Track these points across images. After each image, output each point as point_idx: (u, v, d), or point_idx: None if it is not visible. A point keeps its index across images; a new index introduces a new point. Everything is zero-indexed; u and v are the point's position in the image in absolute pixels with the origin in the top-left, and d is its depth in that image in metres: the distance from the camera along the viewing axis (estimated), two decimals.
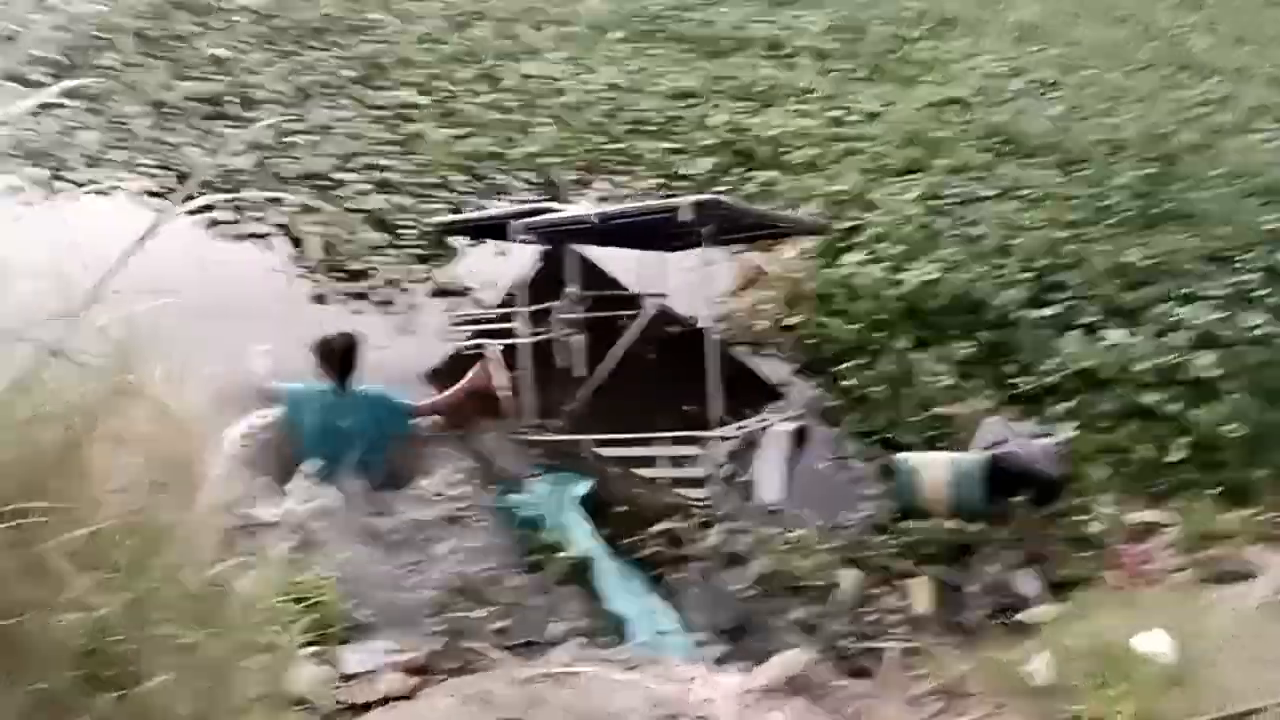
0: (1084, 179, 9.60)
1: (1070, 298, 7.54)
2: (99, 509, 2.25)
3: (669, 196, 7.70)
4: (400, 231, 8.43)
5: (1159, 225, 8.62)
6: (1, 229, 2.64)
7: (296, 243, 8.26)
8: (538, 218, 6.57)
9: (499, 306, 7.70)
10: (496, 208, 8.33)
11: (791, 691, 3.97)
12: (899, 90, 12.22)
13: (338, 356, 5.89)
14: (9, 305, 2.58)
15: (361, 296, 7.79)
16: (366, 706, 3.71)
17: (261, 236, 8.38)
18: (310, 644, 3.49)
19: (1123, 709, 3.74)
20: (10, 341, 2.25)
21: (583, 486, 5.59)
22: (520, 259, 8.10)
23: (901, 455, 6.01)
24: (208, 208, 7.59)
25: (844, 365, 7.07)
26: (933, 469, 5.84)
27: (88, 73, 10.79)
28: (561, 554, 5.17)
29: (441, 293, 8.01)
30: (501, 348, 6.64)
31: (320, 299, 7.74)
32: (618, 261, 8.57)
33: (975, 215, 8.64)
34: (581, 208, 7.82)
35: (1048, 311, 7.38)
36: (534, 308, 6.73)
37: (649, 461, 6.01)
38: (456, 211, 8.75)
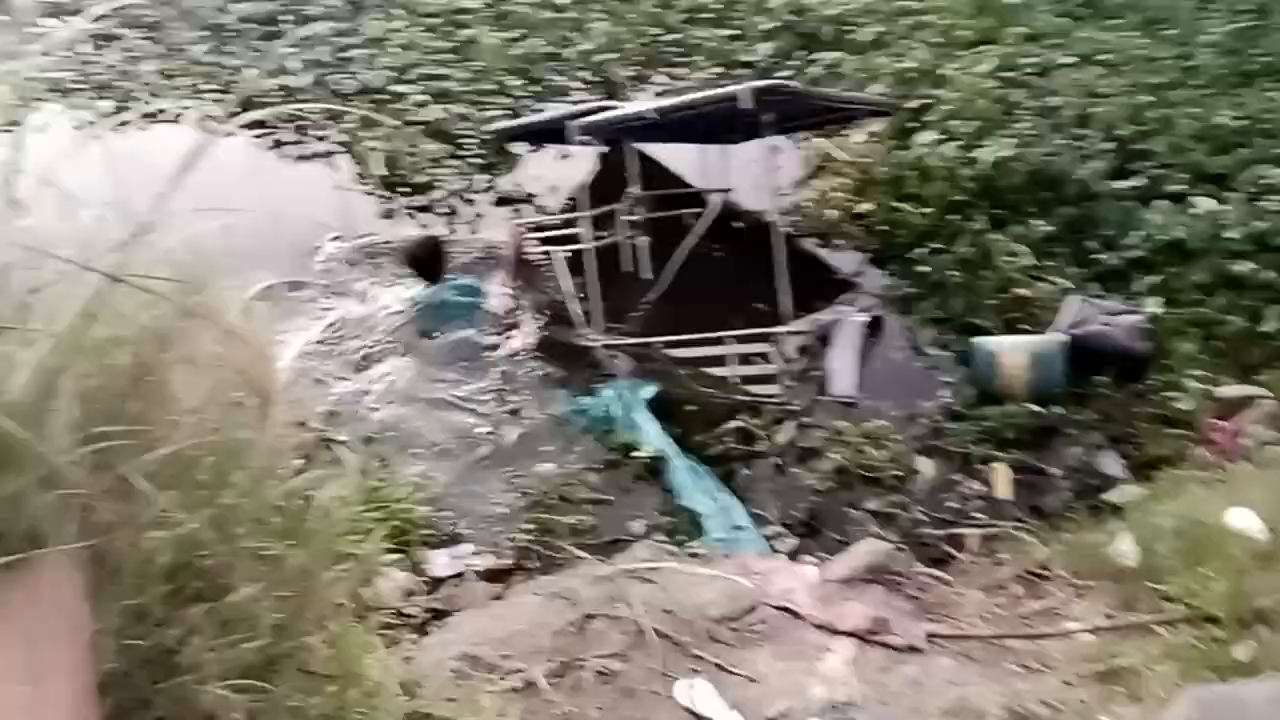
0: (1168, 38, 9.04)
1: (1156, 166, 7.18)
2: (176, 429, 2.30)
3: (729, 85, 7.47)
4: (460, 141, 8.38)
5: (1251, 83, 8.12)
6: (66, 161, 2.66)
7: (360, 160, 8.29)
8: (595, 116, 6.45)
9: (562, 212, 7.65)
10: (554, 110, 8.19)
11: (870, 580, 3.98)
12: None
13: (426, 257, 6.64)
14: (74, 236, 2.62)
15: (426, 209, 7.81)
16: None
17: (325, 155, 8.43)
18: (394, 550, 3.62)
19: (1214, 587, 3.66)
20: (77, 270, 2.29)
21: (649, 390, 5.61)
22: (582, 162, 8.01)
23: (979, 339, 5.87)
24: (259, 124, 7.66)
25: (918, 251, 6.86)
26: (1011, 352, 5.69)
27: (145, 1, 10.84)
28: (636, 453, 5.21)
29: (504, 201, 7.98)
30: (566, 253, 6.66)
31: (387, 215, 7.77)
32: (680, 157, 8.41)
33: (1052, 85, 8.22)
34: (639, 103, 7.65)
35: (1132, 182, 7.04)
36: (596, 211, 6.65)
37: (720, 360, 5.97)
38: (515, 117, 8.65)
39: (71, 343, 2.14)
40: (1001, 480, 5.09)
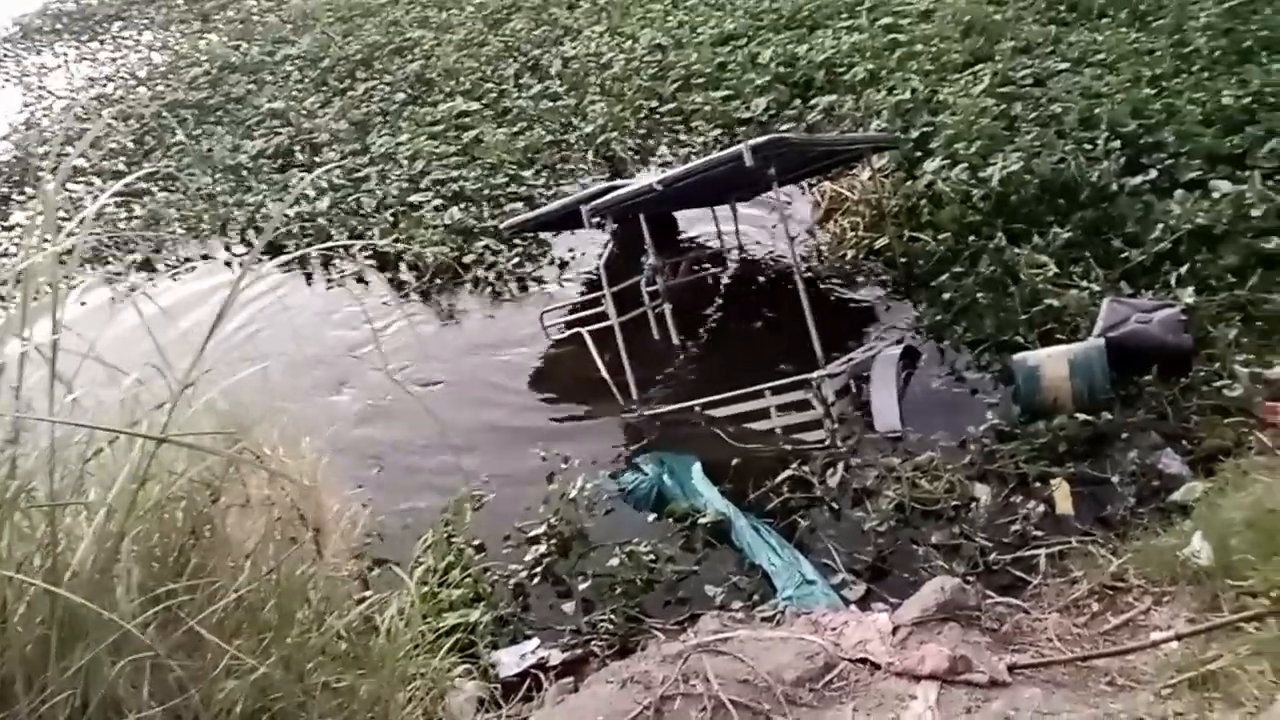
0: (1161, 29, 9.07)
1: (1167, 157, 7.14)
2: (237, 574, 2.36)
3: (730, 145, 7.60)
4: (481, 236, 8.57)
5: (1251, 59, 8.08)
6: (104, 329, 2.80)
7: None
8: (604, 199, 6.58)
9: (584, 291, 7.78)
10: (562, 199, 8.37)
11: (944, 618, 3.92)
12: None
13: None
14: (119, 400, 2.74)
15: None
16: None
17: (357, 277, 8.66)
18: (462, 660, 3.63)
19: None
20: (124, 435, 2.38)
21: (692, 457, 5.63)
22: (599, 239, 8.18)
23: (1018, 355, 5.81)
24: (294, 260, 7.89)
25: (941, 277, 6.85)
26: (1052, 364, 5.62)
27: (162, 153, 11.33)
28: (702, 520, 5.18)
29: (532, 284, 8.18)
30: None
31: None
32: (694, 220, 8.55)
33: (1051, 93, 8.26)
34: (645, 177, 7.80)
35: (1146, 176, 7.00)
36: (618, 287, 6.74)
37: (761, 413, 5.97)
38: (530, 205, 8.84)
39: (127, 507, 2.24)
40: (1062, 496, 5.00)
